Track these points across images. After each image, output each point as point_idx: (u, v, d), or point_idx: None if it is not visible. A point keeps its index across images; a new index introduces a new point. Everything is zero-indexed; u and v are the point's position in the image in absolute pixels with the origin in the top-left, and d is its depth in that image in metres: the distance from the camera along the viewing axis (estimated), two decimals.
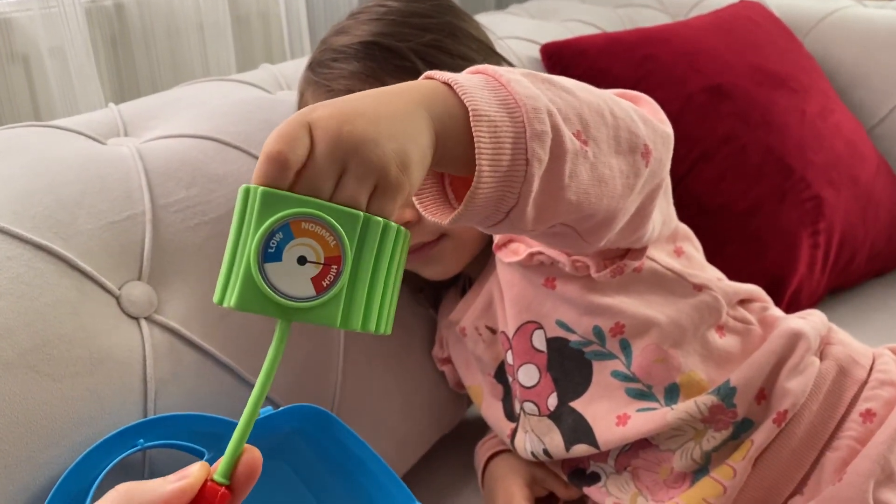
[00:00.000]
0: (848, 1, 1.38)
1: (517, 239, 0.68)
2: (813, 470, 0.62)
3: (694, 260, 0.70)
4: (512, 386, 0.71)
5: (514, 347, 0.69)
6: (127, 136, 0.74)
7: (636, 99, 0.59)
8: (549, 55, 1.08)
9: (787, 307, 0.89)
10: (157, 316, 0.62)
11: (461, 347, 0.76)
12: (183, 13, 1.09)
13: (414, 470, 0.80)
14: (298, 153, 0.37)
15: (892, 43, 1.24)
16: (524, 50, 1.10)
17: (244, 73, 0.91)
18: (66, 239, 0.59)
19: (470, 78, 0.45)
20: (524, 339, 0.68)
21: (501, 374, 0.73)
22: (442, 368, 0.81)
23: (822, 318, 0.70)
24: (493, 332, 0.73)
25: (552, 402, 0.67)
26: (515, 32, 1.14)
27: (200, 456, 0.54)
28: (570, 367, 0.66)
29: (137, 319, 0.61)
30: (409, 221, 0.66)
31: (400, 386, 0.77)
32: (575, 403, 0.66)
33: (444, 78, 0.44)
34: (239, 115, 0.75)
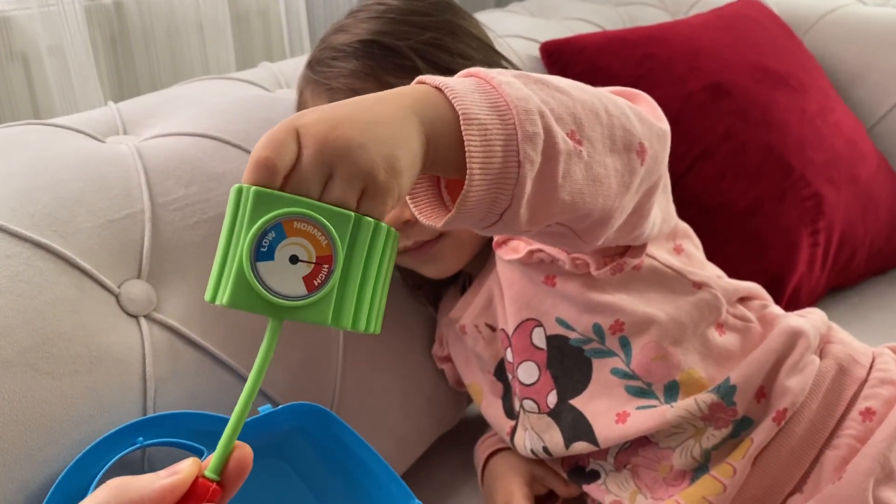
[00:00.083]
0: None
1: (517, 237, 0.68)
2: (812, 468, 0.62)
3: (694, 258, 0.70)
4: (511, 384, 0.71)
5: (513, 345, 0.69)
6: (126, 134, 0.73)
7: (633, 96, 0.59)
8: (548, 53, 1.08)
9: (786, 306, 0.89)
10: (156, 314, 0.62)
11: (461, 345, 0.76)
12: (182, 12, 1.09)
13: (413, 468, 0.80)
14: (286, 159, 0.37)
15: (891, 41, 1.24)
16: (524, 48, 1.09)
17: (244, 71, 0.91)
18: (65, 237, 0.59)
19: (461, 82, 0.45)
20: (524, 336, 0.68)
21: (501, 371, 0.73)
22: (442, 367, 0.81)
23: (822, 316, 0.70)
24: (492, 329, 0.72)
25: (552, 399, 0.67)
26: (515, 30, 1.14)
27: (199, 454, 0.54)
28: (569, 364, 0.66)
29: (137, 318, 0.61)
30: (408, 220, 0.66)
31: (399, 384, 0.77)
32: (574, 401, 0.66)
33: (435, 82, 0.45)
34: (238, 113, 0.75)
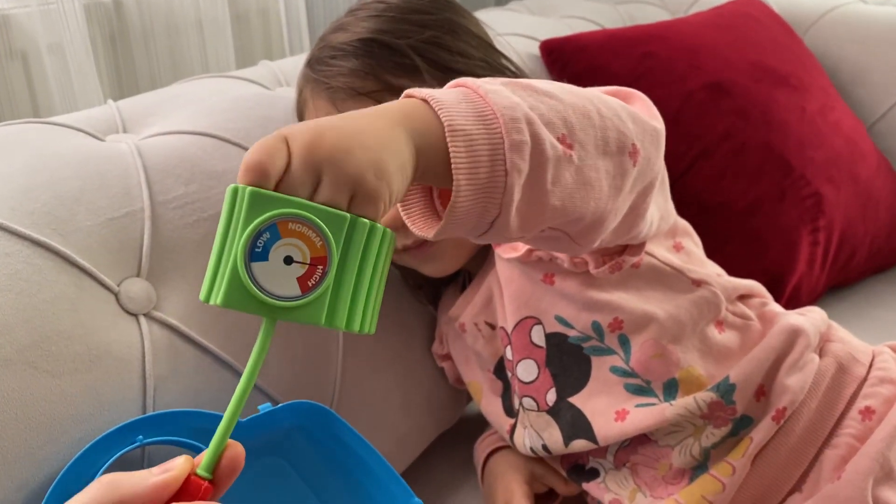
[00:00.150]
0: None
1: None
2: (812, 467, 0.62)
3: (693, 255, 0.70)
4: (511, 381, 0.71)
5: (512, 343, 0.69)
6: (126, 132, 0.73)
7: (628, 96, 0.58)
8: (548, 52, 1.08)
9: (787, 305, 0.89)
10: (156, 312, 0.62)
11: (461, 343, 0.76)
12: (182, 10, 1.09)
13: (413, 466, 0.80)
14: (278, 164, 0.38)
15: (892, 40, 1.24)
16: (524, 46, 1.09)
17: (243, 69, 0.91)
18: (64, 235, 0.59)
19: (448, 93, 0.45)
20: (523, 334, 0.68)
21: (501, 369, 0.73)
22: (441, 365, 0.81)
23: (821, 314, 0.70)
24: (492, 327, 0.73)
25: (551, 397, 0.67)
26: (515, 29, 1.14)
27: (199, 452, 0.54)
28: (568, 362, 0.67)
29: (136, 316, 0.61)
30: None
31: (399, 382, 0.77)
32: (573, 399, 0.66)
33: (421, 94, 0.45)
34: (238, 111, 0.75)
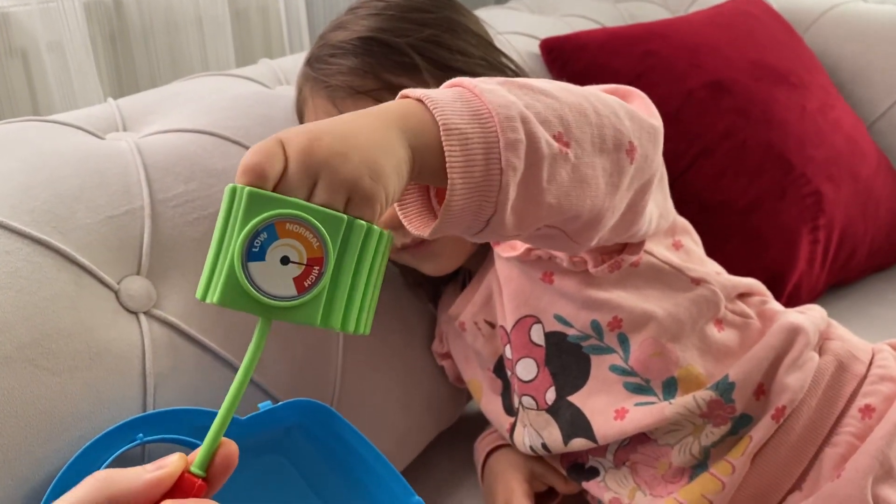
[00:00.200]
0: None
1: None
2: (812, 466, 0.62)
3: (693, 254, 0.70)
4: (510, 380, 0.71)
5: (512, 342, 0.69)
6: (125, 130, 0.73)
7: (627, 94, 0.58)
8: (548, 50, 1.08)
9: (787, 303, 0.89)
10: (156, 310, 0.62)
11: (461, 342, 0.76)
12: (181, 8, 1.09)
13: (413, 465, 0.80)
14: (276, 167, 0.38)
15: (892, 38, 1.24)
16: (524, 45, 1.09)
17: (243, 67, 0.91)
18: (64, 233, 0.59)
19: (443, 92, 0.46)
20: (522, 333, 0.68)
21: (500, 368, 0.73)
22: (441, 363, 0.81)
23: (821, 312, 0.70)
24: (491, 326, 0.73)
25: (550, 396, 0.68)
26: (515, 27, 1.14)
27: None
28: (568, 361, 0.67)
29: (136, 314, 0.61)
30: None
31: (399, 381, 0.77)
32: (573, 397, 0.66)
33: (416, 95, 0.45)
34: (238, 109, 0.75)
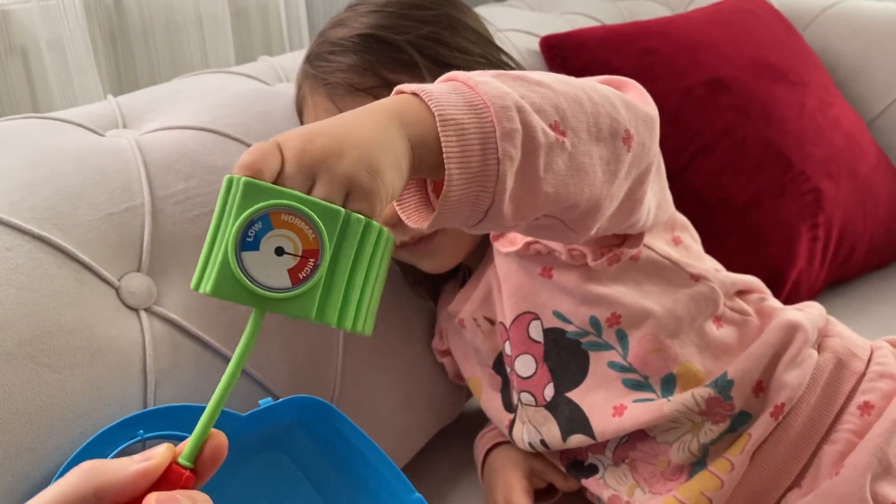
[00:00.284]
0: None
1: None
2: (811, 463, 0.62)
3: (692, 250, 0.70)
4: (509, 377, 0.71)
5: (511, 338, 0.69)
6: (126, 128, 0.73)
7: (621, 84, 0.58)
8: (548, 47, 1.08)
9: (786, 300, 0.89)
10: (156, 307, 0.62)
11: (460, 339, 0.76)
12: (181, 6, 1.09)
13: (413, 462, 0.80)
14: (273, 167, 0.38)
15: (891, 36, 1.24)
16: (524, 42, 1.09)
17: (243, 65, 0.91)
18: (65, 230, 0.59)
19: (439, 86, 0.46)
20: (521, 329, 0.68)
21: (500, 365, 0.73)
22: (441, 360, 0.81)
23: (820, 310, 0.70)
24: (491, 323, 0.73)
25: (549, 392, 0.68)
26: (515, 25, 1.14)
27: None
28: (566, 357, 0.67)
29: (137, 311, 0.61)
30: None
31: (399, 378, 0.78)
32: (571, 394, 0.66)
33: (411, 89, 0.45)
34: (238, 107, 0.75)
